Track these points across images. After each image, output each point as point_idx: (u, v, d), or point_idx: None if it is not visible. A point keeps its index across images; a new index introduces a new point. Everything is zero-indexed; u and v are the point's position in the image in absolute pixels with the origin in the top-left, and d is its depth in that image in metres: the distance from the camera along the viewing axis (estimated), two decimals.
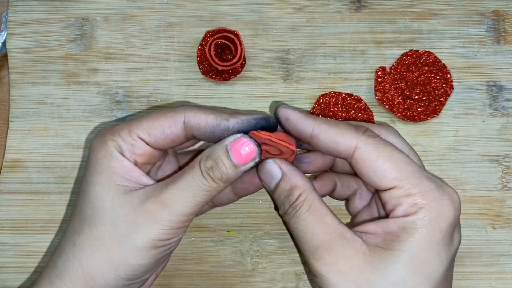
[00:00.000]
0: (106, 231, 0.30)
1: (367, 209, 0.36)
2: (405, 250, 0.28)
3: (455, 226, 0.30)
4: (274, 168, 0.32)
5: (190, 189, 0.30)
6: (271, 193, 0.33)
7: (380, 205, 0.34)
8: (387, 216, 0.30)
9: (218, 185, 0.31)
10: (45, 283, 0.31)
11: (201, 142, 0.39)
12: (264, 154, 0.33)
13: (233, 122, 0.31)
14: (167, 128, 0.32)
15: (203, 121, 0.31)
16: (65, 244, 0.31)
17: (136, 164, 0.32)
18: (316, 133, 0.31)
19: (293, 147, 0.32)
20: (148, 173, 0.34)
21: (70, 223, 0.32)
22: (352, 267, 0.28)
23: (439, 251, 0.29)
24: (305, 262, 0.31)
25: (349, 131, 0.31)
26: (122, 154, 0.32)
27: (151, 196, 0.30)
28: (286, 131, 0.33)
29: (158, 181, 0.33)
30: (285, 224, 0.32)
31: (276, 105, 0.43)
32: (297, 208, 0.30)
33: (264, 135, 0.31)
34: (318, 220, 0.30)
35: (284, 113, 0.32)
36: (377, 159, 0.30)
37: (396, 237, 0.29)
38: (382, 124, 0.35)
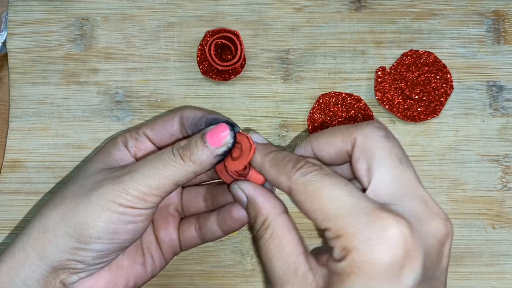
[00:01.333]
0: (72, 190, 0.32)
1: None
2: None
3: (400, 266, 0.25)
4: (239, 193, 0.32)
5: (156, 162, 0.31)
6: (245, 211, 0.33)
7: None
8: None
9: (186, 163, 0.31)
10: (13, 241, 0.32)
11: None
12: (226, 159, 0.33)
13: (210, 117, 0.33)
14: (167, 122, 0.35)
15: (192, 114, 0.34)
16: (48, 208, 0.33)
17: (136, 157, 0.35)
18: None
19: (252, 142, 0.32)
20: None
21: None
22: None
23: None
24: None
25: (285, 170, 0.30)
26: (125, 146, 0.34)
27: (127, 167, 0.32)
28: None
29: None
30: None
31: (276, 106, 0.43)
32: (260, 236, 0.30)
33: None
34: (277, 250, 0.29)
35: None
36: (306, 200, 0.28)
37: (334, 283, 0.27)
38: (368, 124, 0.31)
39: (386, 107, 0.42)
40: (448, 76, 0.42)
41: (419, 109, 0.42)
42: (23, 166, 0.42)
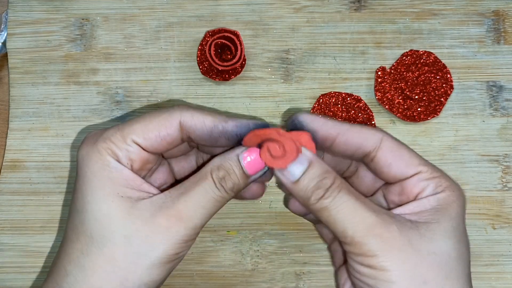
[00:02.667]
0: (119, 250, 0.28)
1: None
2: (448, 221, 0.30)
3: None
4: (299, 156, 0.30)
5: (204, 201, 0.30)
6: (293, 184, 0.30)
7: (384, 199, 0.34)
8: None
9: (229, 195, 0.31)
10: None
11: None
12: (263, 154, 0.31)
13: (231, 125, 0.31)
14: (164, 130, 0.30)
15: (200, 123, 0.30)
16: (71, 268, 0.29)
17: (132, 169, 0.31)
18: (343, 131, 0.31)
19: (299, 144, 0.30)
20: (143, 179, 0.33)
21: (70, 243, 0.30)
22: (410, 241, 0.29)
23: (464, 224, 0.31)
24: (345, 253, 0.31)
25: (369, 127, 0.32)
26: (119, 162, 0.30)
27: (162, 208, 0.29)
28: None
29: (162, 190, 0.31)
30: (315, 213, 0.30)
31: (276, 106, 0.43)
32: (338, 191, 0.29)
33: (269, 130, 0.30)
34: (362, 201, 0.30)
35: (306, 116, 0.32)
36: (401, 149, 0.31)
37: (434, 212, 0.30)
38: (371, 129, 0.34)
39: (386, 107, 0.42)
40: (448, 76, 0.42)
41: (419, 109, 0.42)
42: (23, 166, 0.42)
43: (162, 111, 0.31)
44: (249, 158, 0.30)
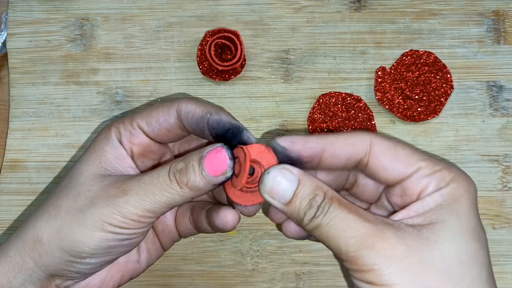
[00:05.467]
0: (66, 202, 0.31)
1: None
2: (455, 218, 0.27)
3: None
4: (287, 175, 0.29)
5: (152, 186, 0.30)
6: (286, 206, 0.29)
7: (389, 203, 0.33)
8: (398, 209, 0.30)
9: (182, 190, 0.30)
10: (7, 242, 0.32)
11: None
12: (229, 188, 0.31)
13: (213, 118, 0.31)
14: (162, 116, 0.32)
15: (191, 110, 0.31)
16: (45, 206, 0.32)
17: (132, 153, 0.33)
18: (327, 144, 0.30)
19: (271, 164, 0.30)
20: (147, 169, 0.34)
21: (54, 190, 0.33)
22: (410, 249, 0.26)
23: (479, 217, 0.28)
24: (345, 267, 0.29)
25: (357, 132, 0.30)
26: (120, 141, 0.32)
27: (118, 181, 0.31)
28: (288, 157, 0.31)
29: None
30: (310, 233, 0.29)
31: (276, 106, 0.43)
32: (329, 205, 0.28)
33: (253, 152, 0.30)
34: (355, 212, 0.28)
35: (285, 139, 0.30)
36: (395, 148, 0.29)
37: (438, 211, 0.28)
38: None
39: (386, 107, 0.42)
40: (448, 76, 0.42)
41: (419, 109, 0.42)
42: (23, 166, 0.42)
43: (167, 101, 0.33)
44: (214, 162, 0.29)
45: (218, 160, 0.29)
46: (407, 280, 0.26)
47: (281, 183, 0.29)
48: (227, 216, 0.32)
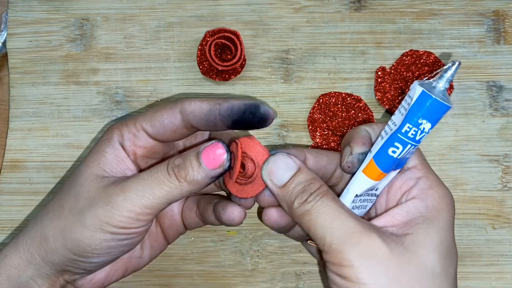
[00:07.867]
0: (68, 202, 0.31)
1: None
2: (436, 232, 0.28)
3: None
4: (289, 161, 0.31)
5: (151, 181, 0.30)
6: (279, 188, 0.31)
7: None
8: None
9: (181, 184, 0.30)
10: (17, 237, 0.33)
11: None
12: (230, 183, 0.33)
13: (225, 107, 0.31)
14: (166, 118, 0.32)
15: (197, 108, 0.31)
16: (50, 206, 0.33)
17: (135, 156, 0.33)
18: (304, 163, 0.33)
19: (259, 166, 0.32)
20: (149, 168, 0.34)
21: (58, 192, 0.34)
22: (391, 252, 0.27)
23: (453, 233, 0.30)
24: (322, 258, 0.30)
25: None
26: (122, 144, 0.33)
27: (116, 182, 0.31)
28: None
29: None
30: (297, 219, 0.30)
31: (276, 106, 0.43)
32: (322, 195, 0.29)
33: (247, 146, 0.32)
34: (346, 208, 0.29)
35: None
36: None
37: (421, 222, 0.29)
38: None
39: (386, 107, 0.42)
40: None
41: None
42: (23, 166, 0.42)
43: (169, 103, 0.33)
44: (211, 155, 0.30)
45: (215, 154, 0.30)
46: (381, 282, 0.27)
47: (281, 166, 0.31)
48: (233, 213, 0.33)
